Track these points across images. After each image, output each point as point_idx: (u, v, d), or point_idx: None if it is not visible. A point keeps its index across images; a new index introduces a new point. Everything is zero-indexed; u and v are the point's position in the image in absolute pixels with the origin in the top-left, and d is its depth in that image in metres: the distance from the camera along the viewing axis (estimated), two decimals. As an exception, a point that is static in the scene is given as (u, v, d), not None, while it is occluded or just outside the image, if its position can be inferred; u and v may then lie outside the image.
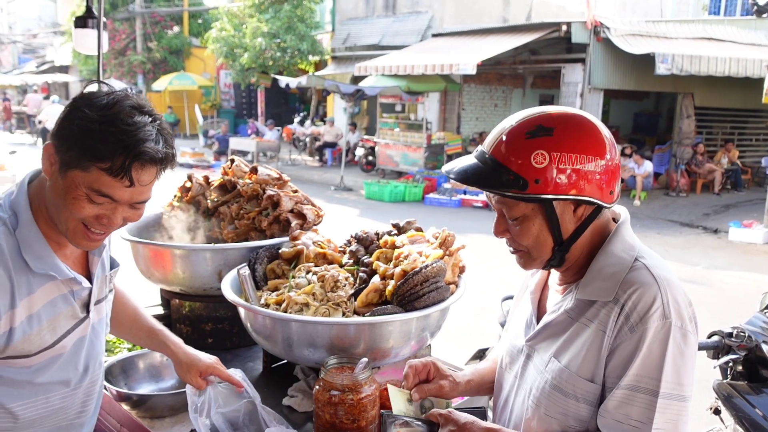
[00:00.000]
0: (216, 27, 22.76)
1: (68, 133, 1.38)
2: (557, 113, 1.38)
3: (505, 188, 1.34)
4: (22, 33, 40.97)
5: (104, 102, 1.39)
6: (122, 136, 1.35)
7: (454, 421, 1.46)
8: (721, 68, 13.39)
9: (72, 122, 1.38)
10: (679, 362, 1.30)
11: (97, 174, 1.37)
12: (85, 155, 1.36)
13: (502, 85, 19.47)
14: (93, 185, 1.38)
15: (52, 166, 1.42)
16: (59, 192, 1.42)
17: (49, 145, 1.42)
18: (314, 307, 2.00)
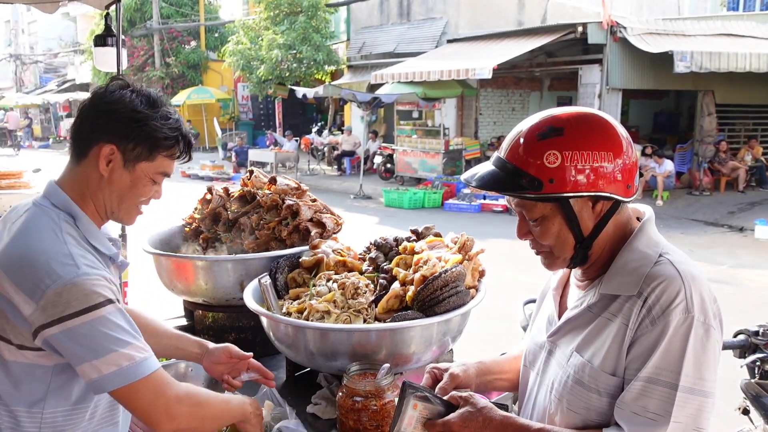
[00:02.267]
0: (232, 40, 23.00)
1: (131, 133, 1.52)
2: (567, 113, 1.41)
3: (522, 191, 1.37)
4: (43, 53, 41.77)
5: (147, 97, 1.56)
6: (176, 125, 1.59)
7: (473, 404, 1.46)
8: (742, 64, 13.22)
9: (129, 122, 1.52)
10: (700, 357, 1.29)
11: (161, 160, 1.58)
12: (153, 149, 1.55)
13: (520, 89, 19.40)
14: (158, 169, 1.59)
15: (110, 164, 1.53)
16: (125, 184, 1.56)
17: (105, 147, 1.52)
18: (335, 314, 2.02)
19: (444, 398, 1.53)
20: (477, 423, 1.43)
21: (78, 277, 1.40)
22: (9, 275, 1.41)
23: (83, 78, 33.61)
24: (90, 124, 1.55)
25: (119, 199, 1.59)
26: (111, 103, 1.54)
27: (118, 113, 1.52)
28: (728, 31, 15.08)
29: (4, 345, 1.46)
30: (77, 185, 1.57)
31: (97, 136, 1.53)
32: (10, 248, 1.45)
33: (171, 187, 9.83)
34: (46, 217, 1.51)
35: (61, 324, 1.38)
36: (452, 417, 1.45)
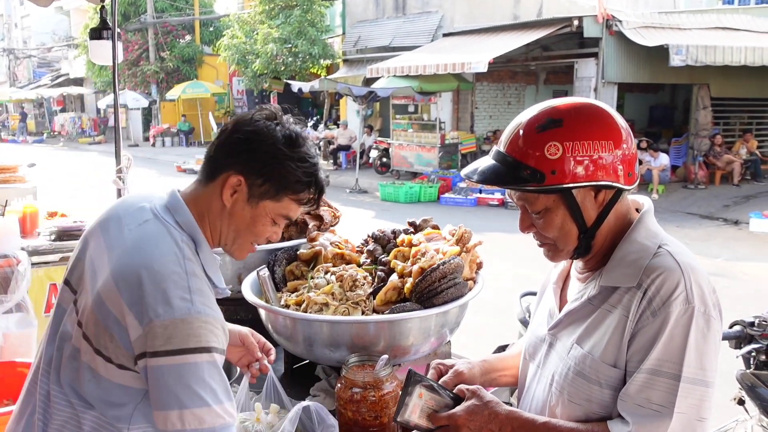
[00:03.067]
0: (227, 34, 22.93)
1: (263, 169, 1.45)
2: (566, 104, 1.41)
3: (524, 183, 1.37)
4: (37, 47, 41.55)
5: (290, 134, 1.47)
6: (312, 169, 1.49)
7: (479, 397, 1.47)
8: (737, 58, 13.24)
9: (264, 158, 1.45)
10: (702, 347, 1.29)
11: (288, 203, 1.49)
12: (282, 190, 1.47)
13: (515, 83, 19.40)
14: (281, 212, 1.50)
15: (234, 195, 1.47)
16: (245, 219, 1.49)
17: (233, 177, 1.45)
18: (334, 306, 2.02)
19: (451, 391, 1.52)
20: (482, 417, 1.44)
21: (189, 315, 1.30)
22: (123, 292, 1.33)
23: (77, 72, 33.49)
24: (226, 149, 1.48)
25: (235, 234, 1.51)
26: (252, 132, 1.46)
27: (255, 145, 1.45)
28: (724, 25, 15.10)
29: (102, 362, 1.36)
30: (200, 207, 1.50)
31: (229, 163, 1.46)
32: (129, 263, 1.36)
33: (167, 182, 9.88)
34: (170, 237, 1.42)
35: (154, 358, 1.29)
36: (458, 410, 1.46)
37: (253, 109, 1.55)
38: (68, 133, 33.29)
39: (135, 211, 1.49)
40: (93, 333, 1.36)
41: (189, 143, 28.26)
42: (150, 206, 1.49)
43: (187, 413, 1.28)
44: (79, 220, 4.42)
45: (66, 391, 1.40)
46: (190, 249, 1.43)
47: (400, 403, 1.47)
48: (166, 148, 27.39)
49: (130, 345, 1.32)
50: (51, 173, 15.09)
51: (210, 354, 1.32)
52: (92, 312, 1.36)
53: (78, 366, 1.39)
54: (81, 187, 11.98)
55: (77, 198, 10.54)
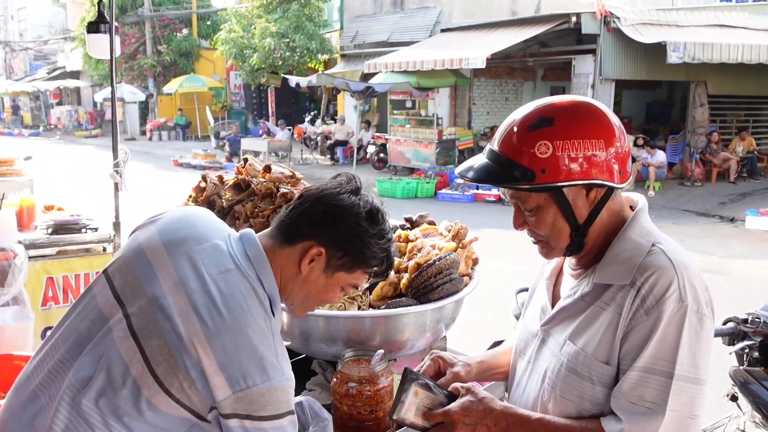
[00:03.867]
0: (225, 28, 22.86)
1: (344, 243, 1.49)
2: (558, 102, 1.41)
3: (515, 182, 1.38)
4: (33, 40, 41.41)
5: (371, 210, 1.52)
6: (387, 245, 1.55)
7: (473, 393, 1.48)
8: (734, 55, 13.25)
9: (348, 233, 1.49)
10: (694, 345, 1.30)
11: (360, 274, 1.55)
12: (358, 264, 1.52)
13: (513, 79, 19.40)
14: (352, 282, 1.56)
15: (312, 263, 1.50)
16: (318, 287, 1.54)
17: (315, 248, 1.49)
18: (330, 301, 2.03)
19: (446, 389, 1.54)
20: (478, 413, 1.45)
21: (282, 383, 1.35)
22: (216, 351, 1.32)
23: (74, 65, 33.38)
24: (310, 219, 1.50)
25: (305, 298, 1.57)
26: (339, 207, 1.50)
27: (342, 221, 1.49)
28: (721, 22, 15.11)
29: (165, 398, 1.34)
30: (276, 266, 1.50)
31: (312, 234, 1.49)
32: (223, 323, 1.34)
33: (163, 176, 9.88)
34: (257, 298, 1.42)
35: (249, 421, 1.33)
36: (453, 406, 1.47)
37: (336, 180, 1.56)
38: (64, 126, 33.20)
39: (211, 249, 1.46)
40: (164, 372, 1.34)
41: (186, 137, 28.21)
42: (227, 248, 1.47)
43: None
44: (76, 214, 4.42)
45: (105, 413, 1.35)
46: (269, 311, 1.44)
47: (396, 401, 1.48)
48: (163, 142, 27.34)
49: (210, 398, 1.33)
50: (48, 167, 15.05)
51: (293, 415, 1.40)
52: (171, 354, 1.34)
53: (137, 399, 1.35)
54: (81, 187, 11.95)
55: (77, 198, 10.49)
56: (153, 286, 1.39)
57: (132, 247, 1.49)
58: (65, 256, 4.23)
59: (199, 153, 20.31)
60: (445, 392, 1.53)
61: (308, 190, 1.55)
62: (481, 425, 1.45)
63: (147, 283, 1.40)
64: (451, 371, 1.65)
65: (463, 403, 1.46)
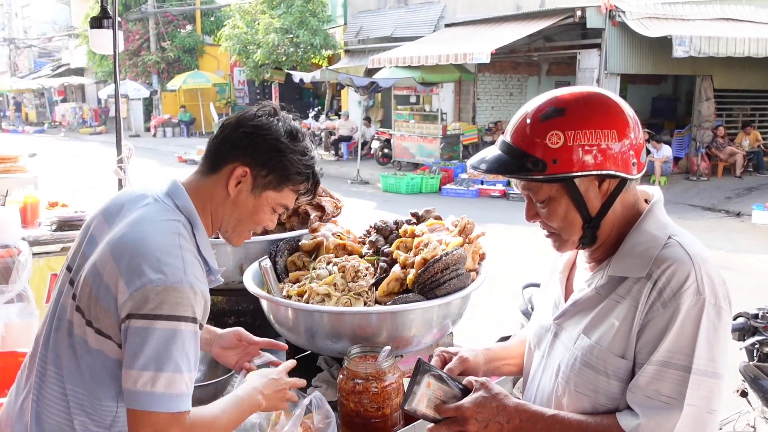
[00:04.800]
0: (228, 24, 22.84)
1: (267, 161, 1.55)
2: (571, 93, 1.40)
3: (526, 173, 1.36)
4: (37, 37, 41.43)
5: (290, 130, 1.58)
6: (310, 162, 1.61)
7: (488, 389, 1.45)
8: (740, 49, 13.16)
9: (267, 150, 1.55)
10: (712, 339, 1.28)
11: (287, 193, 1.60)
12: (284, 181, 1.58)
13: (517, 74, 19.32)
14: (281, 201, 1.61)
15: (239, 185, 1.55)
16: (248, 208, 1.58)
17: (239, 168, 1.54)
18: (336, 297, 2.01)
19: (460, 382, 1.51)
20: (490, 409, 1.42)
21: (180, 284, 1.38)
22: (117, 262, 1.40)
23: (78, 62, 33.41)
24: (231, 142, 1.56)
25: (237, 222, 1.61)
26: (257, 127, 1.56)
27: (261, 139, 1.54)
28: (727, 16, 15.00)
29: (92, 332, 1.43)
30: (202, 196, 1.58)
31: (234, 156, 1.55)
32: (126, 236, 1.44)
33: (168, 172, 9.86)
34: (168, 215, 1.50)
35: (143, 319, 1.35)
36: (465, 402, 1.44)
37: (255, 104, 1.62)
38: (69, 123, 33.25)
39: (136, 197, 1.57)
40: (86, 304, 1.44)
41: (190, 134, 28.23)
42: (151, 193, 1.57)
43: (161, 376, 1.34)
44: (80, 211, 4.41)
45: (59, 370, 1.46)
46: (186, 229, 1.51)
47: (408, 391, 1.46)
48: (167, 139, 27.36)
49: (116, 309, 1.39)
50: (52, 164, 15.08)
51: (195, 324, 1.40)
52: (86, 283, 1.44)
53: (72, 342, 1.46)
54: (81, 188, 11.98)
55: (81, 194, 10.50)
56: (85, 239, 1.55)
57: (81, 230, 1.62)
58: (69, 253, 4.23)
59: (204, 149, 20.29)
60: (459, 385, 1.50)
61: (228, 118, 1.61)
62: (493, 422, 1.42)
63: (83, 241, 1.56)
64: (456, 357, 1.63)
65: (476, 399, 1.44)
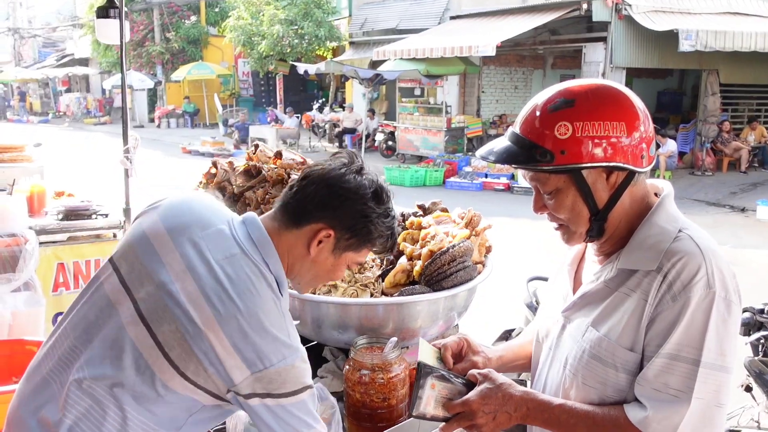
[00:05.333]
0: (233, 15, 22.79)
1: (353, 225, 1.50)
2: (581, 85, 1.40)
3: (535, 163, 1.36)
4: (42, 27, 41.40)
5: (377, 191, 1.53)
6: (391, 223, 1.56)
7: (492, 380, 1.47)
8: (747, 43, 13.11)
9: (356, 215, 1.50)
10: (722, 332, 1.28)
11: (365, 252, 1.58)
12: (365, 244, 1.55)
13: (522, 67, 19.26)
14: (358, 260, 1.60)
15: (320, 244, 1.51)
16: (326, 267, 1.56)
17: (323, 230, 1.49)
18: (342, 288, 2.02)
19: (462, 377, 1.52)
20: (497, 399, 1.43)
21: (297, 360, 1.39)
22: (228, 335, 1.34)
23: (82, 53, 33.40)
24: (318, 201, 1.49)
25: (313, 277, 1.58)
26: (347, 189, 1.49)
27: (349, 203, 1.49)
28: (734, 10, 14.94)
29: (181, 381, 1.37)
30: (283, 247, 1.51)
31: (320, 216, 1.49)
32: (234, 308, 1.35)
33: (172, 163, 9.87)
34: (265, 281, 1.43)
35: (270, 399, 1.37)
36: (471, 395, 1.46)
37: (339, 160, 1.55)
38: (73, 113, 33.28)
39: (215, 234, 1.46)
40: (178, 356, 1.36)
41: (194, 125, 28.23)
42: (231, 232, 1.47)
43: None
44: (86, 200, 4.42)
45: (120, 399, 1.37)
46: (275, 292, 1.45)
47: (414, 397, 1.46)
48: (171, 130, 27.36)
49: (228, 380, 1.36)
50: (58, 154, 15.10)
51: (311, 389, 1.44)
52: (184, 340, 1.35)
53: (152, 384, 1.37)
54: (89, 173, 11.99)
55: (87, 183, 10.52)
56: (160, 272, 1.41)
57: (136, 234, 1.50)
58: (76, 242, 4.24)
59: (208, 140, 20.30)
60: (461, 381, 1.51)
61: (311, 170, 1.53)
62: (501, 412, 1.43)
63: (153, 270, 1.42)
64: (469, 359, 1.64)
65: (481, 391, 1.45)
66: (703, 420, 1.28)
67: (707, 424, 1.29)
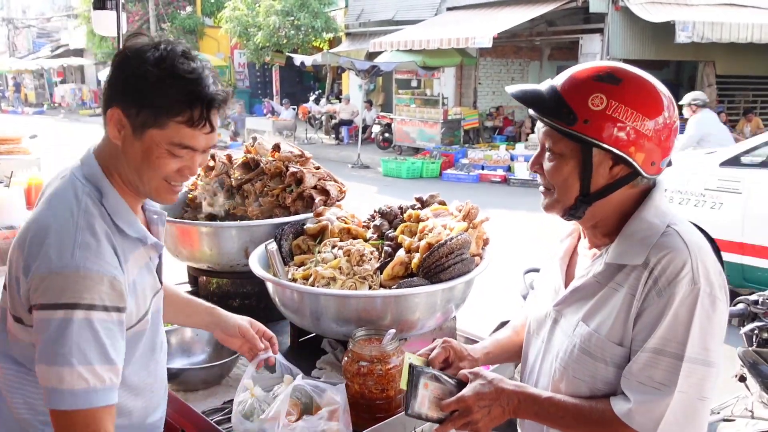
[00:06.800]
0: (229, 6, 22.65)
1: (133, 94, 1.34)
2: (632, 70, 1.40)
3: (555, 117, 1.37)
4: (36, 17, 41.12)
5: (157, 55, 1.34)
6: (190, 86, 1.35)
7: (483, 376, 1.49)
8: (743, 35, 13.10)
9: (133, 82, 1.34)
10: (706, 328, 1.30)
11: (176, 128, 1.35)
12: (159, 113, 1.34)
13: (519, 58, 19.22)
14: (173, 140, 1.37)
15: (121, 131, 1.38)
16: (137, 155, 1.38)
17: (113, 111, 1.36)
18: (341, 280, 2.03)
19: (453, 376, 1.54)
20: (490, 394, 1.45)
21: (65, 269, 1.27)
22: (20, 249, 1.34)
23: (77, 43, 33.19)
24: (106, 86, 1.40)
25: (137, 173, 1.41)
26: (121, 61, 1.37)
27: (122, 71, 1.36)
28: (730, 1, 14.90)
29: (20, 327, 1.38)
30: (105, 155, 1.44)
31: (109, 100, 1.38)
32: (28, 221, 1.37)
33: (170, 155, 9.60)
34: (72, 190, 1.39)
35: (36, 311, 1.29)
36: (465, 392, 1.47)
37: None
38: (68, 104, 33.15)
39: (58, 173, 1.48)
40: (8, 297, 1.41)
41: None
42: (70, 166, 1.47)
43: (51, 370, 1.26)
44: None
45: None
46: (92, 200, 1.39)
47: (408, 397, 1.48)
48: (167, 121, 27.24)
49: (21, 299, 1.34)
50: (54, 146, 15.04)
51: (85, 311, 1.28)
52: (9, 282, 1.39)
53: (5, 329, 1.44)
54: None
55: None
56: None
57: None
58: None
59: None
60: (453, 380, 1.53)
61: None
62: (495, 406, 1.45)
63: None
64: (457, 366, 1.64)
65: (474, 388, 1.47)
66: (686, 413, 1.31)
67: (690, 416, 1.32)
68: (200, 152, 1.43)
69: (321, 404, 1.71)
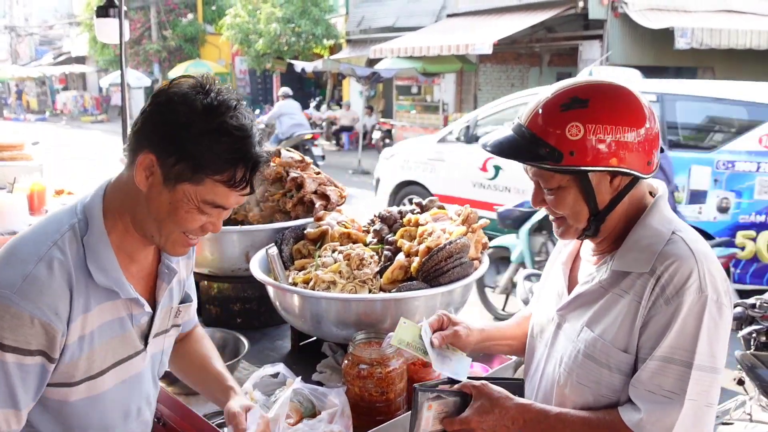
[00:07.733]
0: (230, 13, 22.75)
1: (173, 143, 1.23)
2: (593, 84, 1.38)
3: (541, 161, 1.35)
4: (39, 25, 41.25)
5: (206, 103, 1.24)
6: (238, 144, 1.24)
7: (487, 395, 1.46)
8: (743, 41, 13.13)
9: (175, 131, 1.23)
10: (713, 335, 1.30)
11: (212, 186, 1.26)
12: (199, 169, 1.23)
13: (519, 64, 19.26)
14: (206, 198, 1.27)
15: (149, 178, 1.27)
16: (164, 206, 1.28)
17: (146, 156, 1.25)
18: (341, 284, 2.05)
19: (454, 389, 1.53)
20: (494, 415, 1.44)
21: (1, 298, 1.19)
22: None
23: (79, 51, 33.28)
24: (141, 126, 1.28)
25: (158, 223, 1.31)
26: (164, 103, 1.26)
27: (164, 117, 1.24)
28: (730, 8, 14.97)
29: None
30: (120, 194, 1.34)
31: (142, 142, 1.26)
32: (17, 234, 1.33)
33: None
34: (60, 221, 1.31)
35: None
36: (469, 413, 1.46)
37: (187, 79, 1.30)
38: (70, 111, 33.20)
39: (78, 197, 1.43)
40: None
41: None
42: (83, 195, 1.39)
43: None
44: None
45: None
46: (74, 234, 1.30)
47: (413, 421, 1.48)
48: (169, 128, 27.28)
49: None
50: (56, 152, 15.09)
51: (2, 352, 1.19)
52: None
53: None
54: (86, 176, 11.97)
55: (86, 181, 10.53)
56: None
57: None
58: (75, 241, 4.25)
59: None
60: (454, 393, 1.52)
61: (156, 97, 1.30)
62: (500, 426, 1.44)
63: None
64: (452, 328, 1.63)
65: (478, 408, 1.46)
66: (695, 420, 1.31)
67: (699, 423, 1.32)
68: (228, 210, 1.34)
69: (321, 408, 1.73)
